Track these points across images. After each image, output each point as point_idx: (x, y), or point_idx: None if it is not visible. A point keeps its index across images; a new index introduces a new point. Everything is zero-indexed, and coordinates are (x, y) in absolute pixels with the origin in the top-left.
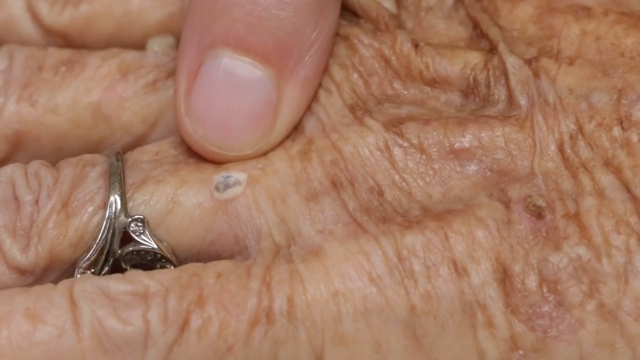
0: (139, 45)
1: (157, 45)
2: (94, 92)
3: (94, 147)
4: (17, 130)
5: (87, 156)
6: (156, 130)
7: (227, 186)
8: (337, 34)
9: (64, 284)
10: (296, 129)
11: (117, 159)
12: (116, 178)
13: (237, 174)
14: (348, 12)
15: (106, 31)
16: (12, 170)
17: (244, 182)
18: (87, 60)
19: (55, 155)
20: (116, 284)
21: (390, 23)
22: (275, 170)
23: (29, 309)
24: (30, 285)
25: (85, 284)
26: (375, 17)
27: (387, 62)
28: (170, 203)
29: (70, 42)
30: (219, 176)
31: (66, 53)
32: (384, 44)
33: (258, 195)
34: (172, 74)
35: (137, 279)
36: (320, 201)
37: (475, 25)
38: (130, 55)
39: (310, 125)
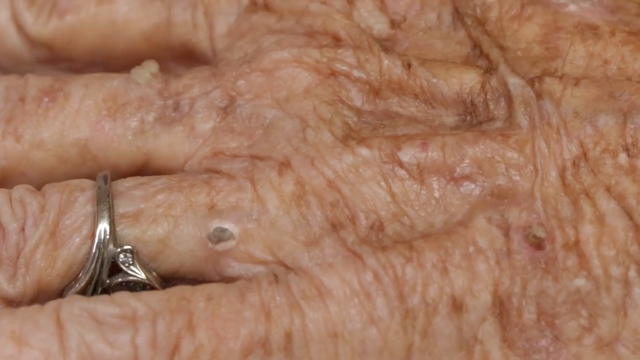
0: (124, 56)
1: (141, 77)
2: (80, 127)
3: None
4: (2, 167)
5: (75, 181)
6: (144, 172)
7: (220, 239)
8: (320, 70)
9: (51, 305)
10: (281, 163)
11: (104, 183)
12: (105, 205)
13: (231, 226)
14: (329, 39)
15: (91, 42)
16: None
17: (237, 237)
18: (70, 89)
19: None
20: (104, 306)
21: (374, 47)
22: (272, 221)
23: (15, 332)
24: None
25: (73, 306)
26: (359, 43)
27: (376, 92)
28: (162, 244)
29: (56, 53)
30: (212, 225)
31: (46, 81)
32: (372, 74)
33: (253, 250)
34: (159, 115)
35: (124, 300)
36: (320, 243)
37: (475, 45)
38: (114, 85)
39: (297, 160)
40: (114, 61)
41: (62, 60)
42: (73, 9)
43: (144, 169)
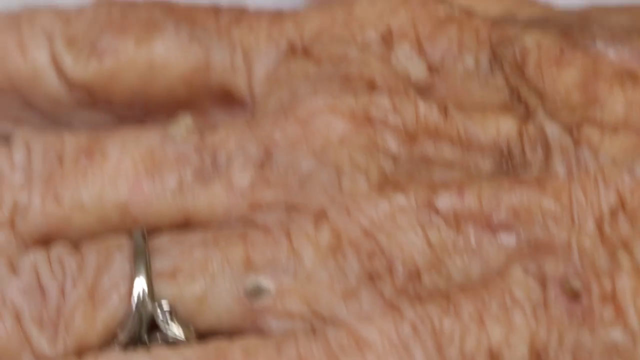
0: (162, 98)
1: (177, 133)
2: (119, 188)
3: None
4: (44, 231)
5: (112, 239)
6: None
7: (256, 296)
8: (355, 117)
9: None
10: (317, 214)
11: (142, 239)
12: (142, 263)
13: (267, 282)
14: (365, 84)
15: (130, 84)
16: (35, 257)
17: (274, 292)
18: (107, 147)
19: None
20: None
21: (410, 92)
22: (308, 274)
23: None
24: None
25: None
26: (395, 88)
27: (412, 138)
28: (199, 302)
29: (94, 95)
30: (249, 281)
31: (83, 139)
32: (408, 119)
33: (290, 304)
34: (197, 172)
35: (163, 355)
36: (357, 295)
37: (513, 91)
38: (151, 142)
39: (333, 210)
40: (152, 104)
41: (101, 103)
42: (112, 51)
43: (183, 227)
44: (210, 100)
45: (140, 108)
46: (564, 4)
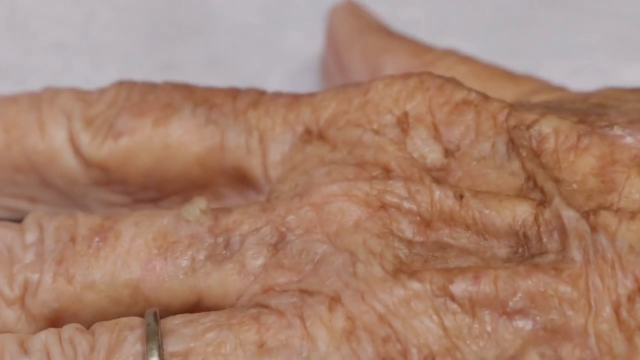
0: (177, 179)
1: (191, 215)
2: (132, 268)
3: None
4: (55, 309)
5: (124, 319)
6: (196, 311)
7: None
8: (370, 203)
9: None
10: (331, 299)
11: (154, 321)
12: (154, 344)
13: None
14: (379, 170)
15: (145, 164)
16: (46, 336)
17: None
18: (121, 228)
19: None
20: None
21: (425, 178)
22: (322, 359)
23: None
24: None
25: None
26: (410, 174)
27: (428, 224)
28: None
29: (110, 175)
30: None
31: (96, 220)
32: (423, 205)
33: None
34: (210, 253)
35: None
36: None
37: (529, 176)
38: (164, 223)
39: (348, 295)
40: (167, 184)
41: (116, 183)
42: (128, 131)
43: (195, 308)
44: (225, 182)
45: (154, 189)
46: (579, 88)
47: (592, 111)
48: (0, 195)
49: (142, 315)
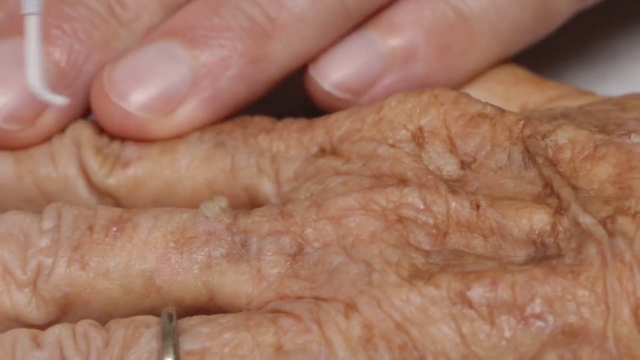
0: (187, 204)
1: (210, 211)
2: (147, 259)
3: (143, 315)
4: (67, 294)
5: (140, 317)
6: (207, 308)
7: None
8: (386, 216)
9: None
10: (347, 305)
11: (169, 320)
12: (170, 342)
13: None
14: (395, 181)
15: (155, 190)
16: (60, 330)
17: None
18: (139, 220)
19: (104, 321)
20: None
21: (441, 189)
22: None
23: None
24: None
25: None
26: (426, 185)
27: (444, 234)
28: None
29: (119, 202)
30: None
31: (116, 212)
32: (439, 217)
33: None
34: (227, 251)
35: None
36: None
37: (546, 184)
38: (183, 218)
39: (364, 303)
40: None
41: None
42: (136, 159)
43: (207, 305)
44: (234, 205)
45: None
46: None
47: (611, 119)
48: None
49: (152, 308)
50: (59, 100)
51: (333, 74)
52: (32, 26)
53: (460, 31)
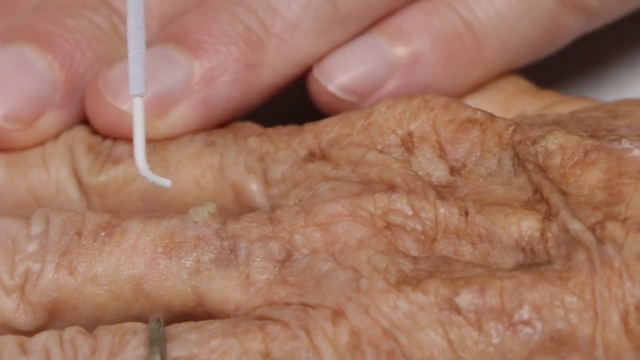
0: (173, 202)
1: (199, 216)
2: (135, 264)
3: (132, 321)
4: (55, 299)
5: (127, 324)
6: (196, 313)
7: None
8: (374, 223)
9: None
10: (335, 312)
11: (157, 326)
12: (157, 348)
13: None
14: (384, 187)
15: (142, 188)
16: (47, 337)
17: None
18: (128, 225)
19: (92, 326)
20: None
21: (430, 195)
22: None
23: None
24: None
25: None
26: (415, 191)
27: (432, 241)
28: None
29: (107, 200)
30: None
31: (104, 217)
32: (427, 223)
33: None
34: (215, 256)
35: None
36: None
37: (536, 190)
38: (171, 223)
39: (351, 309)
40: (162, 208)
41: (112, 209)
42: (127, 157)
43: (195, 310)
44: (221, 204)
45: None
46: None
47: (602, 125)
48: None
49: (141, 313)
50: (164, 182)
51: (338, 76)
52: (139, 107)
53: (467, 42)
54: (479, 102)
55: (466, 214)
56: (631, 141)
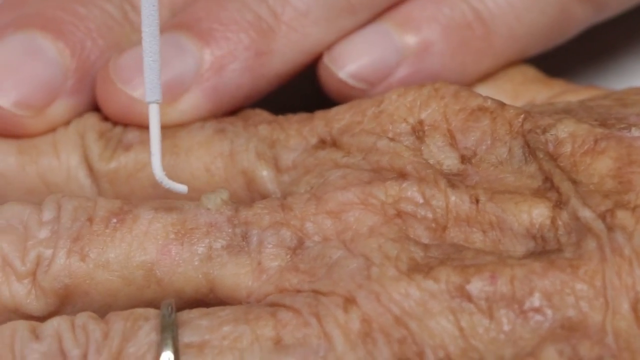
0: (188, 187)
1: (211, 203)
2: (147, 250)
3: (143, 307)
4: (66, 285)
5: (139, 310)
6: (208, 299)
7: None
8: (385, 211)
9: None
10: (346, 299)
11: (169, 312)
12: (169, 334)
13: None
14: (395, 175)
15: (152, 175)
16: (59, 323)
17: None
18: (139, 211)
19: (103, 312)
20: None
21: (441, 183)
22: (338, 359)
23: None
24: None
25: None
26: (426, 179)
27: (443, 229)
28: None
29: (117, 187)
30: None
31: (116, 204)
32: (438, 211)
33: None
34: (227, 243)
35: None
36: None
37: (547, 178)
38: (184, 209)
39: (363, 297)
40: (172, 194)
41: (122, 196)
42: (138, 143)
43: (207, 296)
44: (232, 190)
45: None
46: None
47: (612, 113)
48: None
49: (152, 299)
50: (180, 188)
51: (348, 63)
52: (155, 114)
53: (477, 30)
54: (489, 90)
55: (477, 201)
56: None
